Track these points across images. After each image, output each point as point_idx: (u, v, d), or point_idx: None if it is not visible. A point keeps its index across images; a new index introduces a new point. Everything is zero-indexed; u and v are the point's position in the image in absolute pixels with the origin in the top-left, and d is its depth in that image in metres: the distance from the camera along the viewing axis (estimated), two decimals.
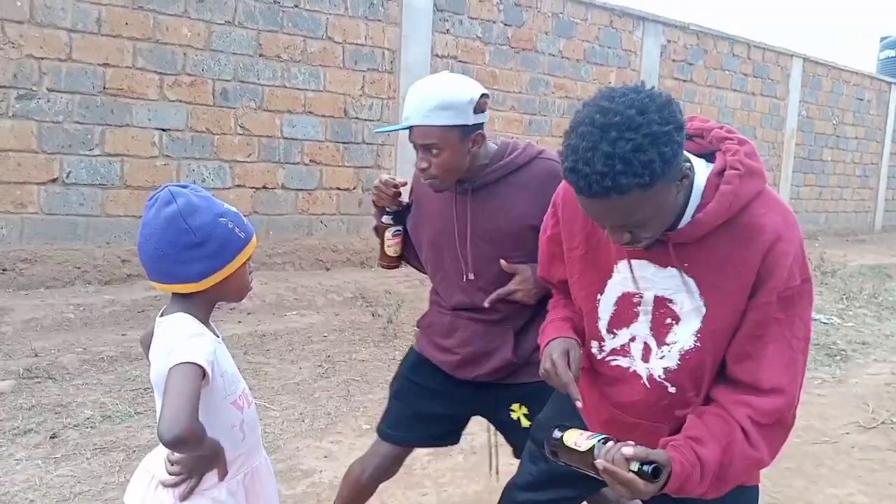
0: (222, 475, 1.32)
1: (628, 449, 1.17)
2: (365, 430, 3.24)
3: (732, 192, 1.20)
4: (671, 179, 1.14)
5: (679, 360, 1.31)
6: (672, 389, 1.34)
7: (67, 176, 5.09)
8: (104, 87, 5.17)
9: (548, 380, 1.37)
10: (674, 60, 9.53)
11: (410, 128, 1.74)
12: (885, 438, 3.51)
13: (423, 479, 2.81)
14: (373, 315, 5.07)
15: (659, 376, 1.34)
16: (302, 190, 6.28)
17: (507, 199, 1.80)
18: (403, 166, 6.84)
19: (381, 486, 2.73)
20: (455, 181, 1.80)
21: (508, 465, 2.00)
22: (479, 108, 1.72)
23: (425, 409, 1.98)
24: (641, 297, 1.33)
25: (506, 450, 2.04)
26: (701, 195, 1.23)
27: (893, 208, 14.46)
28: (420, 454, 3.05)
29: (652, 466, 1.16)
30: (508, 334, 1.85)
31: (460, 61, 7.24)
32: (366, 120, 6.59)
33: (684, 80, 9.72)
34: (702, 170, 1.25)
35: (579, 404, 1.31)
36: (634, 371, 1.38)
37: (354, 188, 6.62)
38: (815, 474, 3.05)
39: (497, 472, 2.23)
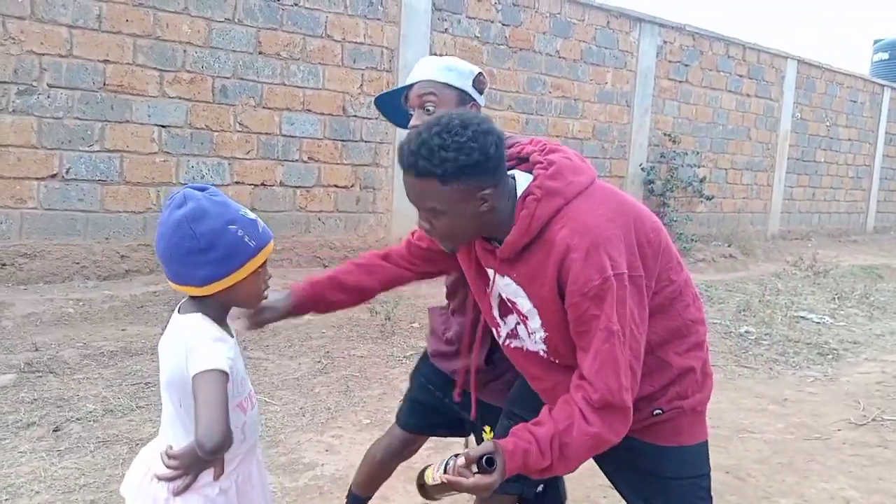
0: (218, 474, 1.32)
1: (459, 459, 1.36)
2: (365, 425, 3.28)
3: (528, 215, 1.39)
4: (467, 191, 1.34)
5: (544, 343, 1.51)
6: (558, 361, 1.51)
7: (67, 171, 5.10)
8: (104, 84, 5.19)
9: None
10: (670, 61, 9.59)
11: (411, 87, 1.77)
12: (875, 435, 3.57)
13: None
14: (371, 312, 5.11)
15: (543, 351, 1.53)
16: (300, 187, 6.31)
17: None
18: None
19: None
20: None
21: None
22: (478, 83, 1.79)
23: (428, 402, 2.09)
24: (504, 297, 1.53)
25: None
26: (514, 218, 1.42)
27: (885, 209, 14.58)
28: (420, 450, 3.10)
29: (486, 458, 1.32)
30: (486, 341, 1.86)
31: None
32: (364, 118, 6.62)
33: (680, 81, 9.78)
34: (523, 188, 1.44)
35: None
36: (527, 348, 1.56)
37: (352, 186, 6.65)
38: (807, 469, 3.11)
39: None
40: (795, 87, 11.61)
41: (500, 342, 1.64)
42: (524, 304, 1.47)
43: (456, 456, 1.38)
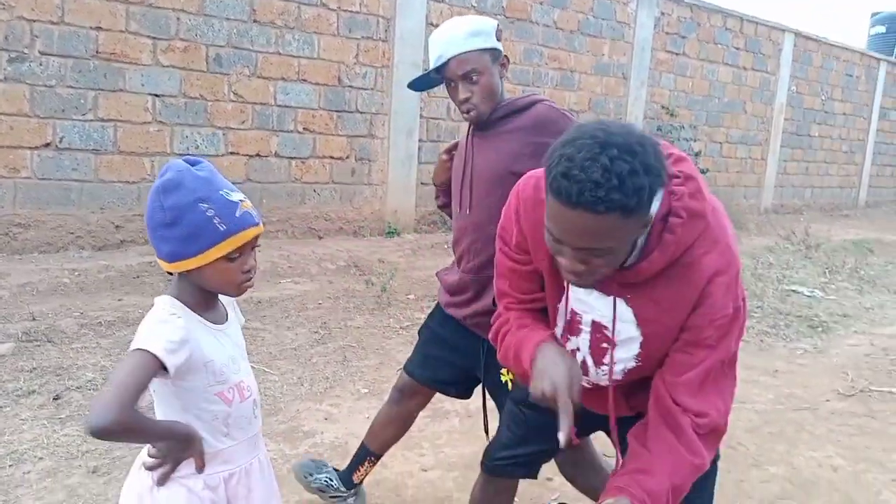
0: (199, 466, 1.27)
1: None
2: (363, 394, 3.33)
3: (675, 241, 1.25)
4: (645, 217, 1.16)
5: (623, 376, 1.42)
6: (619, 379, 1.45)
7: (60, 141, 5.06)
8: (97, 52, 5.12)
9: (539, 402, 1.33)
10: (667, 33, 9.52)
11: (445, 64, 1.83)
12: (863, 405, 3.64)
13: (421, 440, 2.90)
14: (367, 284, 5.13)
15: (604, 384, 1.45)
16: (295, 158, 6.28)
17: (503, 140, 1.90)
18: (397, 137, 6.85)
19: None
20: (492, 110, 1.89)
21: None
22: (499, 34, 1.87)
23: (435, 353, 2.16)
24: (582, 319, 1.40)
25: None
26: (646, 239, 1.26)
27: (877, 184, 14.65)
28: (417, 419, 3.15)
29: None
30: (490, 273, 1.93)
31: None
32: (360, 88, 6.57)
33: (677, 54, 9.73)
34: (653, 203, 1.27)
35: (562, 437, 1.26)
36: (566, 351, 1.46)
37: (347, 157, 6.63)
38: (796, 439, 3.18)
39: (488, 434, 2.33)
40: (792, 61, 11.57)
41: None
42: (625, 330, 1.35)
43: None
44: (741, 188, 11.24)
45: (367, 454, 2.30)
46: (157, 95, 5.43)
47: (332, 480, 2.29)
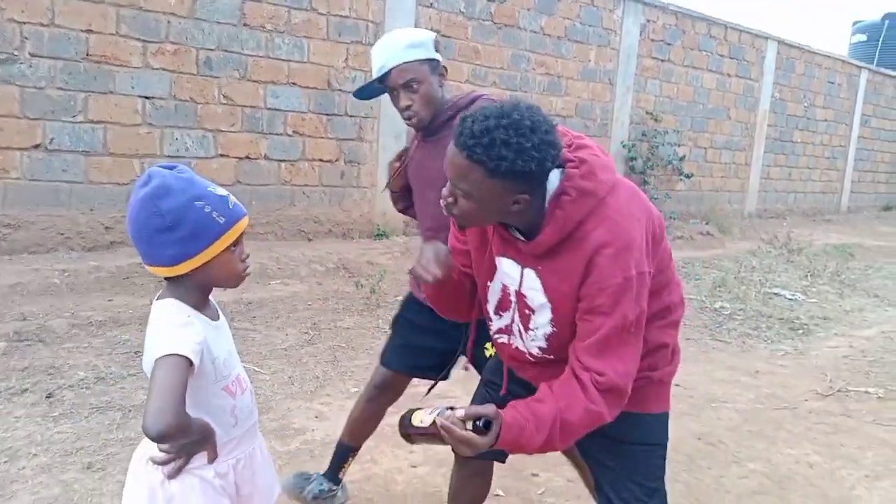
0: (212, 458, 1.31)
1: (460, 411, 1.41)
2: (353, 393, 3.38)
3: (563, 216, 1.42)
4: (507, 190, 1.35)
5: (545, 341, 1.55)
6: (551, 357, 1.57)
7: (51, 142, 5.08)
8: (87, 54, 5.15)
9: (417, 276, 1.56)
10: (652, 40, 9.66)
11: (388, 74, 1.93)
12: (840, 405, 3.75)
13: None
14: (356, 285, 5.19)
15: (534, 354, 1.59)
16: (285, 161, 6.32)
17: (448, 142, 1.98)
18: (386, 140, 6.91)
19: (370, 443, 2.88)
20: (432, 117, 1.99)
21: None
22: (437, 47, 1.97)
23: (414, 341, 2.24)
24: (510, 290, 1.56)
25: None
26: (544, 216, 1.44)
27: (859, 190, 14.88)
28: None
29: (483, 420, 1.37)
30: None
31: (443, 35, 7.28)
32: (349, 92, 6.62)
33: (662, 60, 9.86)
34: (552, 185, 1.44)
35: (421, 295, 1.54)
36: (517, 347, 1.62)
37: (337, 160, 6.68)
38: (775, 437, 3.27)
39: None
40: (775, 68, 11.76)
41: (490, 333, 1.70)
42: (537, 297, 1.50)
43: (451, 408, 1.43)
44: (725, 193, 11.40)
45: (350, 450, 2.39)
46: (147, 98, 5.46)
47: (322, 484, 2.36)
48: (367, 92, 2.08)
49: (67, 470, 2.49)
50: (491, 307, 1.62)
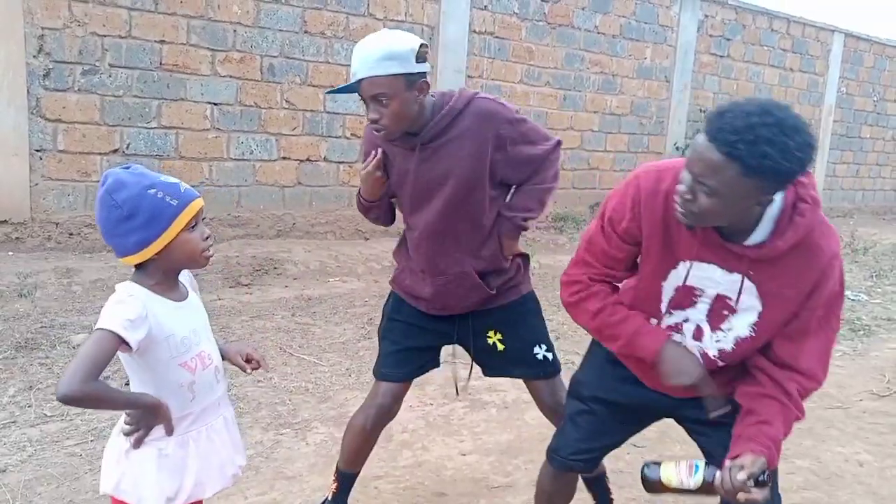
0: (168, 430, 1.39)
1: (741, 475, 1.40)
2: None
3: (805, 223, 1.44)
4: (756, 190, 1.33)
5: (734, 345, 1.58)
6: (721, 364, 1.62)
7: (127, 147, 5.43)
8: (160, 63, 5.48)
9: (678, 390, 1.61)
10: (711, 36, 9.52)
11: (359, 82, 1.80)
12: None
13: (461, 428, 3.10)
14: None
15: (713, 355, 1.61)
16: (343, 162, 6.56)
17: (457, 146, 1.92)
18: None
19: (423, 432, 3.05)
20: (405, 130, 1.89)
21: (537, 418, 2.26)
22: (420, 57, 1.82)
23: (412, 344, 2.15)
24: (703, 293, 1.57)
25: (531, 405, 2.30)
26: (774, 221, 1.45)
27: None
28: (457, 408, 3.34)
29: (766, 474, 1.42)
30: (473, 278, 2.04)
31: (497, 37, 7.39)
32: None
33: (721, 56, 9.70)
34: (776, 198, 1.44)
35: (719, 411, 1.58)
36: (685, 345, 1.64)
37: None
38: (825, 435, 3.26)
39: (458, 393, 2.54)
40: (842, 61, 11.39)
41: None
42: (744, 300, 1.53)
43: (723, 468, 1.44)
44: None
45: (353, 479, 2.28)
46: (215, 104, 5.77)
47: None
48: (345, 90, 1.92)
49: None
50: (664, 306, 1.63)
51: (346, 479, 2.27)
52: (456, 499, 2.55)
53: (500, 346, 2.13)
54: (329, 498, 2.29)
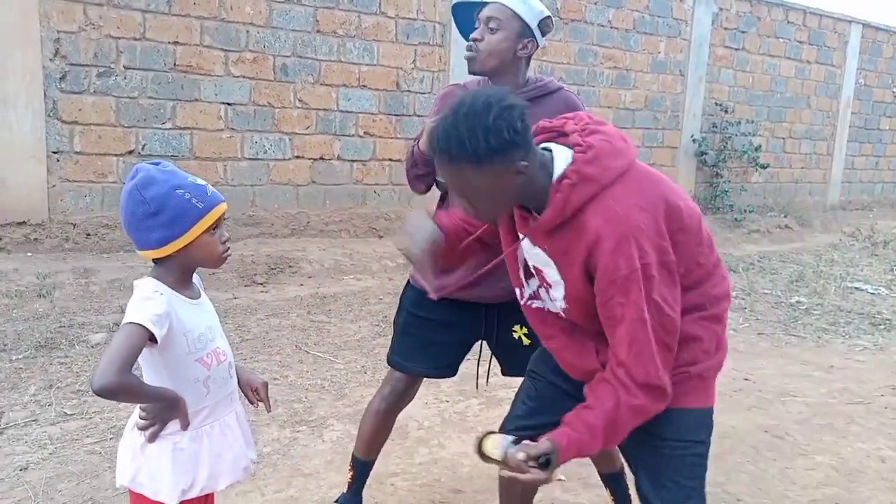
0: (184, 425, 1.43)
1: (521, 453, 1.43)
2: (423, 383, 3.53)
3: (562, 199, 1.43)
4: (502, 168, 1.38)
5: (565, 314, 1.59)
6: (578, 322, 1.60)
7: (143, 148, 5.47)
8: (175, 64, 5.51)
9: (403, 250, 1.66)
10: (726, 28, 9.43)
11: (485, 4, 1.95)
12: None
13: (477, 425, 3.09)
14: None
15: (563, 311, 1.60)
16: (356, 161, 6.56)
17: (537, 118, 2.01)
18: None
19: (439, 429, 3.05)
20: (491, 71, 1.99)
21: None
22: (544, 24, 1.97)
23: (433, 338, 2.14)
24: (529, 263, 1.61)
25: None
26: (549, 196, 1.46)
27: None
28: (472, 404, 3.34)
29: (544, 458, 1.43)
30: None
31: None
32: (417, 93, 6.81)
33: (736, 49, 9.61)
34: (559, 168, 1.46)
35: (430, 291, 1.70)
36: (548, 309, 1.65)
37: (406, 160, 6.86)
38: (846, 430, 3.22)
39: (479, 387, 2.52)
40: (860, 53, 11.23)
41: (522, 302, 1.70)
42: (551, 273, 1.54)
43: (515, 442, 1.49)
44: (805, 184, 10.99)
45: (371, 465, 2.30)
46: (228, 104, 5.79)
47: None
48: (463, 16, 2.06)
49: None
50: (521, 273, 1.66)
51: (361, 468, 2.27)
52: (472, 496, 2.55)
53: (526, 341, 2.12)
54: (346, 490, 2.29)
